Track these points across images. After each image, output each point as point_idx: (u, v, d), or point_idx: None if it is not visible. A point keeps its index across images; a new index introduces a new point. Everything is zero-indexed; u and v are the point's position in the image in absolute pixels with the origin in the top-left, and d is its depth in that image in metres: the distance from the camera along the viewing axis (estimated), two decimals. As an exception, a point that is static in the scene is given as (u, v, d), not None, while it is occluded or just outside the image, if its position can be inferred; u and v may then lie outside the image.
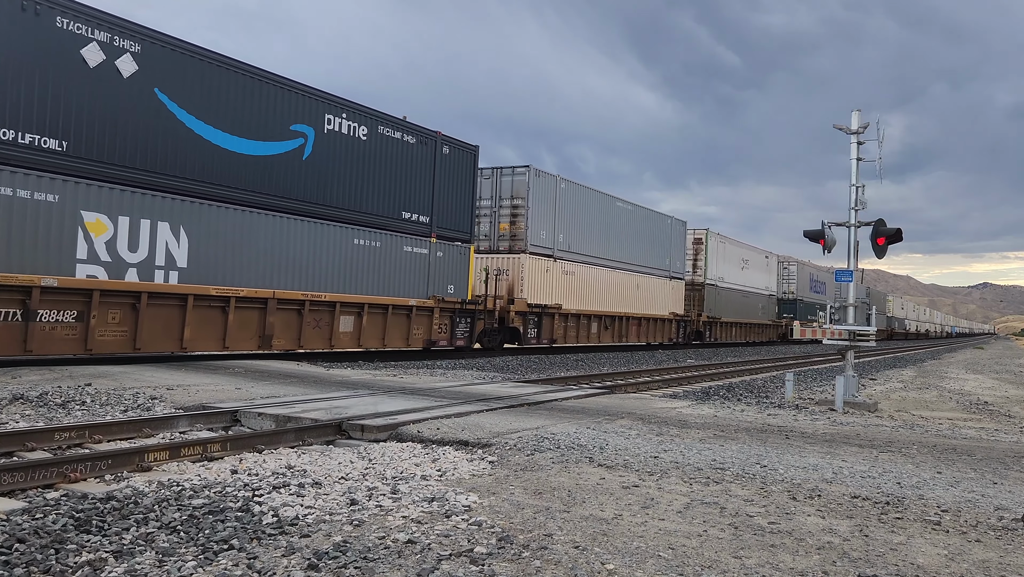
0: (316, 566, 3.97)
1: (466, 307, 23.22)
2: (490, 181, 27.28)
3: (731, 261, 45.34)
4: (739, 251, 47.47)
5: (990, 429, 11.02)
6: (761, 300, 50.95)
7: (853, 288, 14.11)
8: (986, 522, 5.30)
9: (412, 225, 21.38)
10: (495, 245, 27.24)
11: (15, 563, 3.91)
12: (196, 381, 12.10)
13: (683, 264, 39.24)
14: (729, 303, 44.54)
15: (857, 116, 14.07)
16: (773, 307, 54.15)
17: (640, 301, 34.64)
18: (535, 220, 27.08)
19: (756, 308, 49.71)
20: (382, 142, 20.51)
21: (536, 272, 27.00)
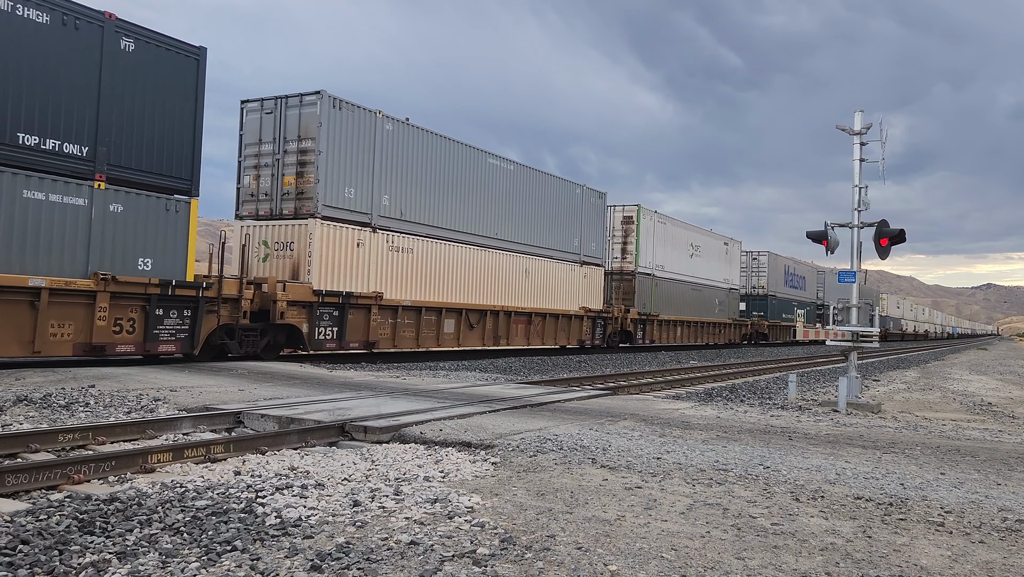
0: (319, 567, 3.98)
1: (176, 292, 15.31)
2: (272, 117, 19.45)
3: (675, 246, 38.12)
4: (687, 235, 39.80)
5: (994, 430, 11.00)
6: (719, 295, 43.43)
7: (856, 289, 14.09)
8: (990, 523, 5.29)
9: (47, 158, 13.57)
10: (278, 207, 19.40)
11: (19, 564, 3.92)
12: (199, 383, 12.12)
13: (603, 247, 31.93)
14: (673, 297, 37.56)
15: (860, 117, 14.06)
16: (735, 303, 46.50)
17: (532, 292, 26.83)
18: (332, 171, 19.05)
19: (711, 304, 42.49)
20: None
21: (335, 246, 19.26)
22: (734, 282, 46.22)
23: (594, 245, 31.28)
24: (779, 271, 54.81)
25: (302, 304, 18.38)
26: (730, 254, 45.77)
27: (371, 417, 8.74)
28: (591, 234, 31.02)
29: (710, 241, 42.92)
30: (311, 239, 18.64)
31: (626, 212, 34.75)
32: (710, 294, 42.39)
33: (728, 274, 45.12)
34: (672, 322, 37.72)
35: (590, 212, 30.86)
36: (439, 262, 22.70)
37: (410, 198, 21.75)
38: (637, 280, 34.46)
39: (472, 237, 24.13)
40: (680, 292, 38.53)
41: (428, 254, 22.33)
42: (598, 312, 30.98)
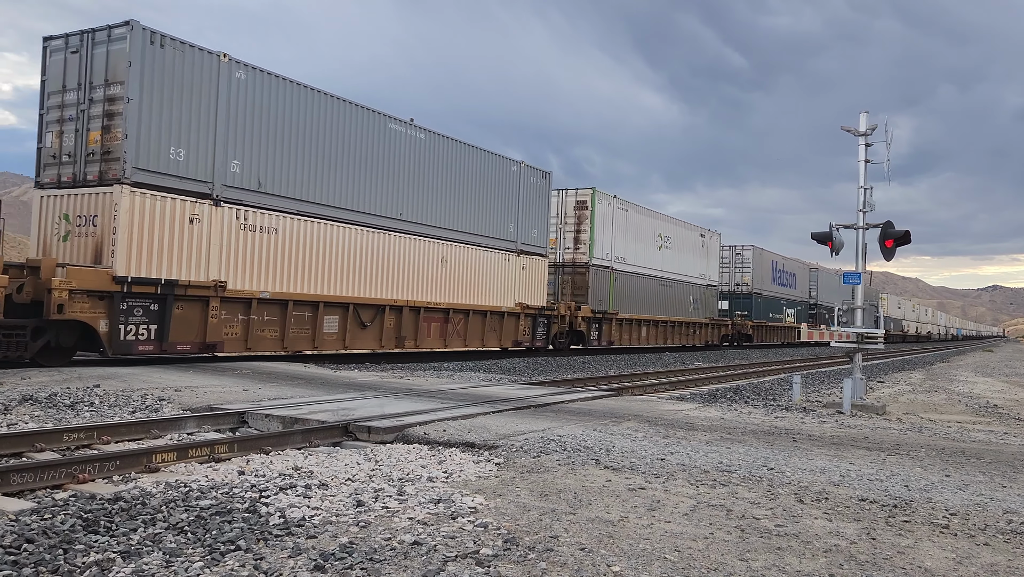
0: (322, 567, 3.98)
1: None
2: (78, 57, 15.25)
3: (640, 237, 33.79)
4: (654, 224, 35.24)
5: (999, 432, 10.96)
6: (693, 292, 38.94)
7: (860, 290, 14.06)
8: (995, 525, 5.27)
9: None
10: (81, 172, 15.17)
11: (24, 563, 3.93)
12: (204, 383, 12.15)
13: (545, 234, 27.30)
14: (636, 293, 33.11)
15: (865, 118, 14.03)
16: (713, 301, 41.87)
17: (450, 285, 22.55)
18: (150, 125, 14.93)
19: (683, 302, 37.96)
20: None
21: (154, 221, 15.05)
22: (712, 278, 41.81)
23: (536, 232, 26.62)
24: (765, 267, 50.38)
25: (98, 294, 14.26)
26: (707, 247, 41.30)
27: (375, 417, 8.75)
28: (531, 220, 26.38)
29: (683, 232, 38.32)
30: (116, 210, 14.51)
31: (579, 196, 29.99)
32: (683, 291, 37.84)
33: (705, 269, 40.57)
34: (635, 321, 33.03)
35: (531, 194, 26.36)
36: (317, 246, 18.33)
37: (274, 166, 17.32)
38: (592, 273, 29.78)
39: (366, 217, 19.70)
40: (645, 288, 34.05)
41: (300, 235, 17.96)
42: (539, 309, 26.25)
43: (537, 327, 26.60)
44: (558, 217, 30.28)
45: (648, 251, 34.70)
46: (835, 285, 62.81)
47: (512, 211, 25.64)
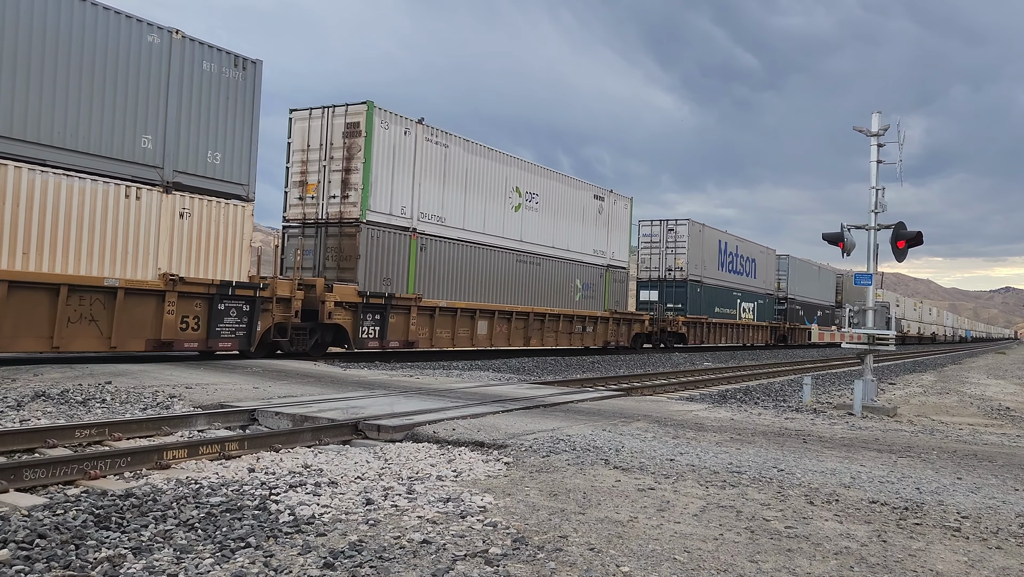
0: (332, 565, 3.99)
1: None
2: None
3: (475, 188, 23.75)
4: (503, 173, 24.89)
5: (1012, 435, 10.89)
6: (584, 274, 29.46)
7: (872, 291, 13.98)
8: (1007, 529, 5.24)
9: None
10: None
11: (36, 558, 3.96)
12: (214, 380, 12.20)
13: (247, 161, 16.73)
14: (468, 271, 23.46)
15: (877, 118, 13.95)
16: (620, 289, 32.25)
17: None
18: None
19: (564, 287, 28.16)
20: None
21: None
22: (618, 257, 32.03)
23: (219, 156, 16.20)
24: (710, 250, 40.22)
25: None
26: (609, 215, 31.23)
27: (384, 416, 8.76)
28: (213, 132, 16.12)
29: (562, 190, 28.21)
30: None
31: (350, 116, 20.05)
32: (560, 272, 27.92)
33: (604, 244, 30.83)
34: (459, 312, 22.76)
35: (208, 89, 15.99)
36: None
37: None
38: (367, 236, 19.86)
39: None
40: (487, 264, 24.25)
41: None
42: (214, 286, 15.83)
43: (219, 316, 16.09)
44: (322, 149, 20.40)
45: (494, 211, 24.64)
46: (812, 276, 57.85)
47: (146, 118, 15.02)
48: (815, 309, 57.52)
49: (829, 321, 58.68)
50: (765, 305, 48.60)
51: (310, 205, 20.59)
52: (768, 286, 49.50)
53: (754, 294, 46.84)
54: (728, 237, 43.10)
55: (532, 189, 26.77)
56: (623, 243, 32.74)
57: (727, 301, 42.59)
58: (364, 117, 19.98)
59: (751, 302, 46.20)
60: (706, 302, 39.54)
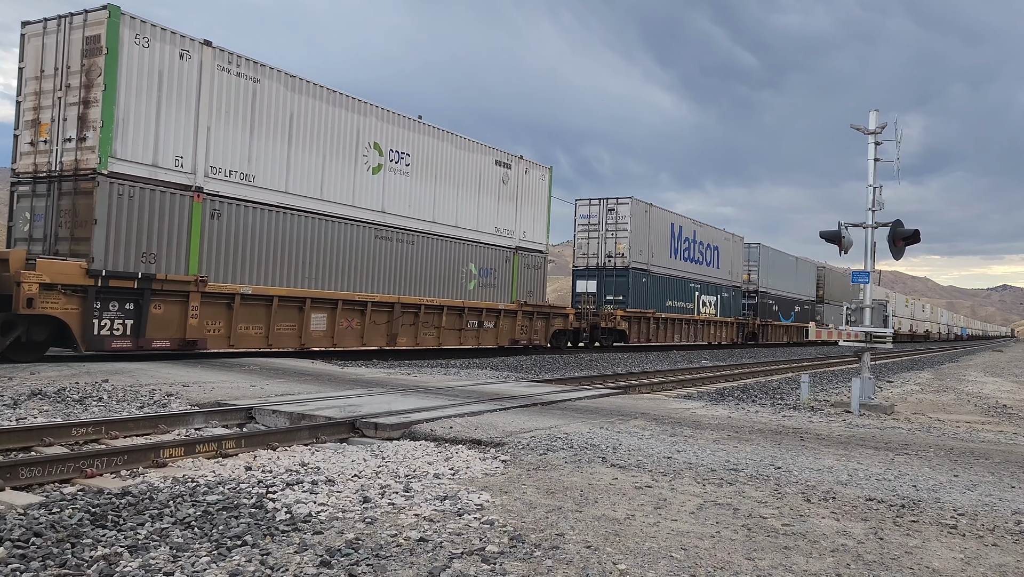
0: (328, 563, 3.99)
1: None
2: None
3: (303, 138, 18.35)
4: (350, 123, 19.72)
5: (1008, 432, 10.90)
6: (481, 257, 24.22)
7: (869, 289, 13.99)
8: (1003, 526, 5.24)
9: None
10: None
11: (32, 556, 3.95)
12: (211, 378, 12.19)
13: None
14: (298, 247, 18.22)
15: (875, 116, 13.95)
16: (534, 276, 26.48)
17: None
18: None
19: (452, 274, 23.05)
20: None
21: None
22: (532, 238, 26.37)
23: None
24: (659, 234, 34.95)
25: None
26: (516, 186, 25.67)
27: (382, 414, 8.76)
28: None
29: (449, 152, 22.90)
30: None
31: (90, 28, 14.63)
32: (447, 254, 22.75)
33: (511, 222, 25.44)
34: (274, 302, 17.42)
35: None
36: None
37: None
38: (108, 193, 14.54)
39: None
40: (327, 239, 18.97)
41: None
42: None
43: None
44: (58, 75, 14.88)
45: (339, 172, 19.33)
46: (789, 268, 52.96)
47: None
48: (792, 304, 53.51)
49: (809, 317, 55.76)
50: (730, 299, 43.52)
51: (43, 152, 15.01)
52: (734, 278, 44.16)
53: (716, 286, 41.58)
54: (683, 220, 38.00)
55: (400, 147, 21.17)
56: (539, 221, 27.01)
57: (682, 293, 37.56)
58: (105, 28, 14.42)
59: (712, 295, 40.96)
60: (654, 294, 34.53)
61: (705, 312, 40.15)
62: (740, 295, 45.28)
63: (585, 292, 32.41)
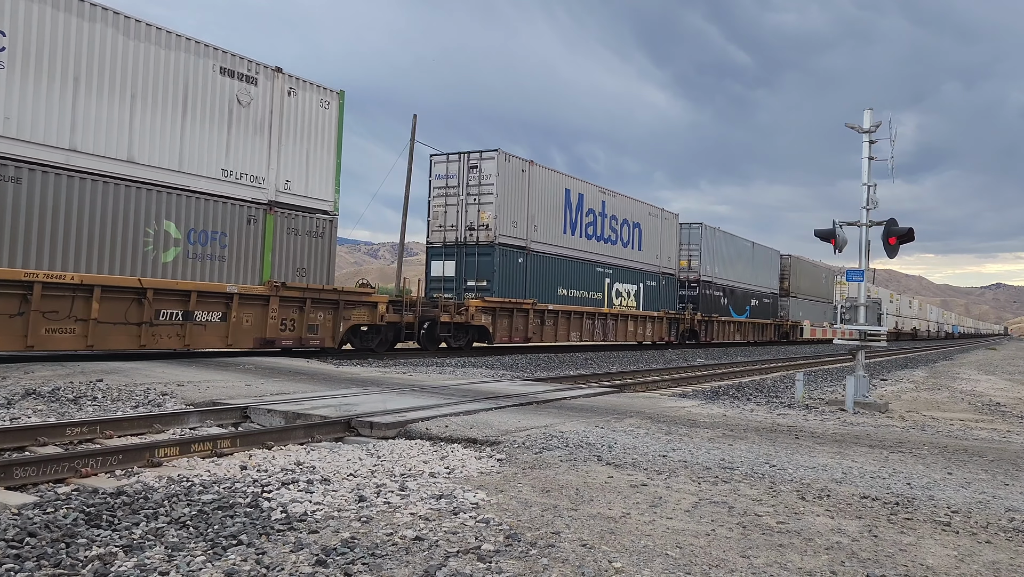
0: (324, 562, 3.98)
1: None
2: None
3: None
4: None
5: (1002, 430, 10.95)
6: (199, 217, 16.66)
7: (862, 287, 14.02)
8: (997, 523, 5.26)
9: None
10: None
11: (26, 557, 3.94)
12: (206, 377, 12.16)
13: None
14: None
15: (869, 115, 13.98)
16: (311, 250, 19.05)
17: None
18: None
19: (133, 239, 15.34)
20: None
21: None
22: (307, 192, 19.11)
23: None
24: (546, 201, 27.79)
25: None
26: (264, 111, 18.13)
27: (377, 413, 8.75)
28: None
29: (104, 39, 15.08)
30: None
31: None
32: (114, 205, 15.15)
33: (254, 163, 17.93)
34: None
35: None
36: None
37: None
38: None
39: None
40: None
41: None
42: None
43: None
44: None
45: None
46: (743, 255, 44.85)
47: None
48: (748, 297, 45.48)
49: (770, 313, 49.09)
50: (659, 289, 35.85)
51: None
52: (666, 263, 36.62)
53: (637, 273, 34.15)
54: (586, 187, 30.31)
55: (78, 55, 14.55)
56: (321, 167, 19.55)
57: (584, 280, 30.13)
58: None
59: (631, 283, 33.58)
60: (537, 279, 27.17)
61: (622, 304, 32.85)
62: (675, 285, 37.80)
63: (442, 276, 25.73)
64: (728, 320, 42.72)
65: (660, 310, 36.09)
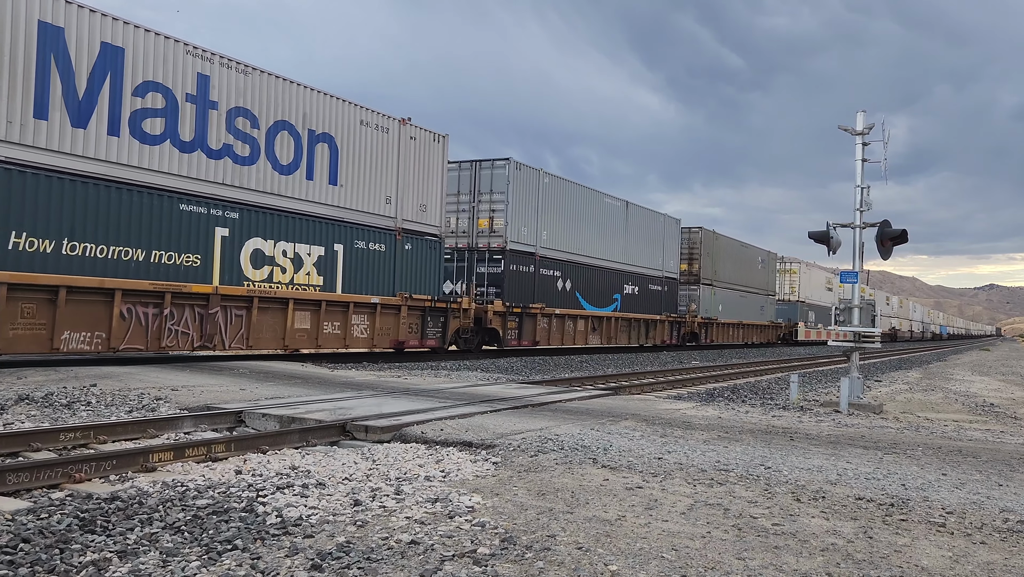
0: (319, 566, 3.97)
1: None
2: None
3: None
4: None
5: (996, 431, 10.98)
6: None
7: (855, 289, 14.06)
8: (991, 524, 5.28)
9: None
10: None
11: (20, 563, 3.92)
12: (201, 382, 12.13)
13: None
14: None
15: (862, 117, 14.04)
16: None
17: None
18: None
19: None
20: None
21: None
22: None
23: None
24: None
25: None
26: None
27: (372, 416, 8.74)
28: None
29: None
30: None
31: None
32: None
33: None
34: None
35: None
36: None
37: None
38: None
39: None
40: None
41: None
42: None
43: None
44: None
45: None
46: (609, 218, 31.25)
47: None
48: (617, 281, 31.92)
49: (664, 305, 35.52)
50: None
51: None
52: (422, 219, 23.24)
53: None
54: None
55: None
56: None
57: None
58: None
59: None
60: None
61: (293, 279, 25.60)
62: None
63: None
64: (566, 312, 28.35)
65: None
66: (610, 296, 31.70)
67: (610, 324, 31.42)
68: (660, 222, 36.09)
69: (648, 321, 34.54)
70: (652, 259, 35.15)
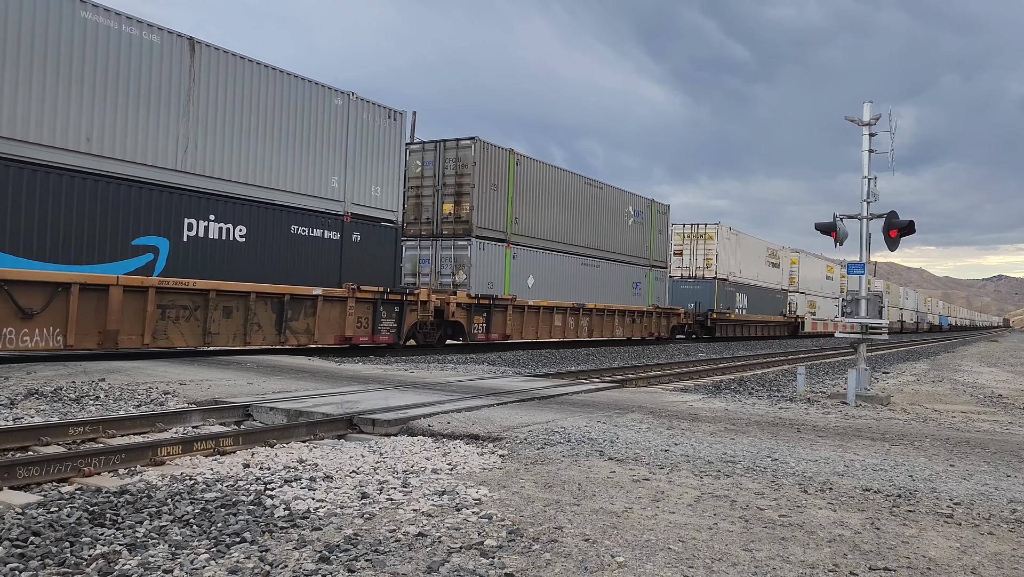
0: (327, 559, 3.99)
1: None
2: None
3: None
4: None
5: (1004, 422, 10.95)
6: None
7: (862, 280, 14.01)
8: (999, 515, 5.27)
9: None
10: None
11: (30, 556, 3.95)
12: (208, 376, 12.17)
13: None
14: None
15: (869, 108, 13.96)
16: None
17: None
18: None
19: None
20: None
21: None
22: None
23: None
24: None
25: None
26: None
27: (379, 410, 8.76)
28: None
29: None
30: None
31: None
32: None
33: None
34: None
35: None
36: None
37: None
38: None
39: None
40: None
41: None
42: None
43: None
44: None
45: None
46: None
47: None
48: None
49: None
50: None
51: None
52: None
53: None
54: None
55: None
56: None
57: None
58: None
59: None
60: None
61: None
62: None
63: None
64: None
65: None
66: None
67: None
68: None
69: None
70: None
